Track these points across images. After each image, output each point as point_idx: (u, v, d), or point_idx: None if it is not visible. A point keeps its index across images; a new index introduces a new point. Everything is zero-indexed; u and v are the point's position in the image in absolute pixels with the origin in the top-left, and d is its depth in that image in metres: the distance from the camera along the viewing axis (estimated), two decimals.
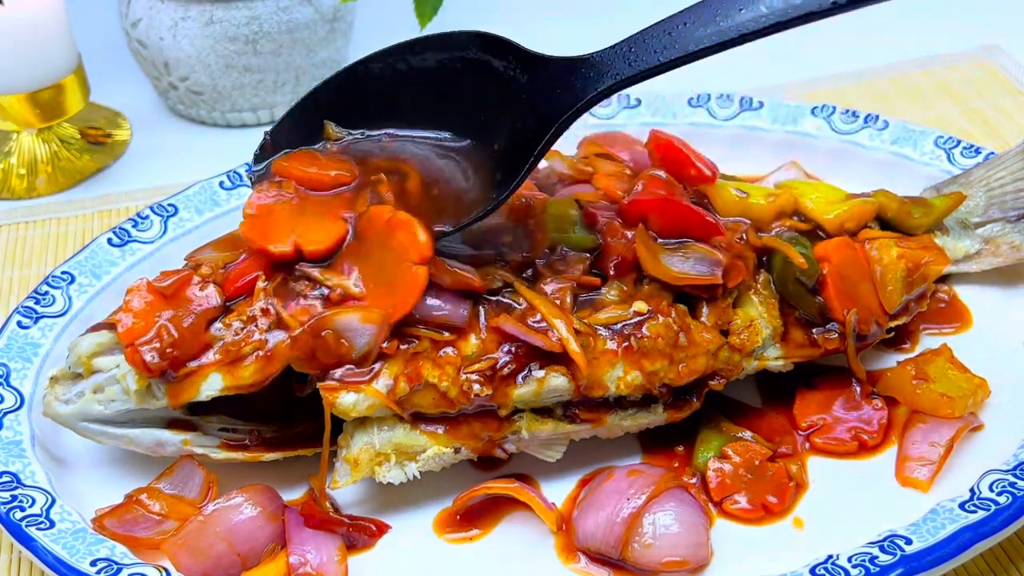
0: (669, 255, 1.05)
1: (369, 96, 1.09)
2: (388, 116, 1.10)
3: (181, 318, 1.00)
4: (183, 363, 1.00)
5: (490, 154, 1.05)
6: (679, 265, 1.04)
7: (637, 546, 0.96)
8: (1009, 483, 0.98)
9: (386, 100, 1.09)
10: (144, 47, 1.57)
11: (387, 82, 1.08)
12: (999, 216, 1.24)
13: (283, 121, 1.10)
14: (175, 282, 1.02)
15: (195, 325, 1.00)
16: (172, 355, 0.99)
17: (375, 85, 1.09)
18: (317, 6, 1.56)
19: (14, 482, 1.02)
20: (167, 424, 1.05)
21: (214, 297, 1.02)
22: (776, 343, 1.09)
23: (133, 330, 1.00)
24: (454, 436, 1.01)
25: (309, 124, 1.09)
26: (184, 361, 1.00)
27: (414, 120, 1.09)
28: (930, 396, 1.08)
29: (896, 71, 1.65)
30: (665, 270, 1.04)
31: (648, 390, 1.04)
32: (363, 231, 1.02)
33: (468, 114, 1.06)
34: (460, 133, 1.08)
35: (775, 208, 1.15)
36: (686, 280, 1.04)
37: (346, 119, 1.10)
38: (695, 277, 1.04)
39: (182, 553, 0.97)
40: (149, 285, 1.02)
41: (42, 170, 1.53)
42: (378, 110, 1.10)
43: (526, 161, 1.00)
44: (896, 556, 0.92)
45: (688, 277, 1.04)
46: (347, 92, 1.10)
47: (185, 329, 1.00)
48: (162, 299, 1.01)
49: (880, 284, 1.12)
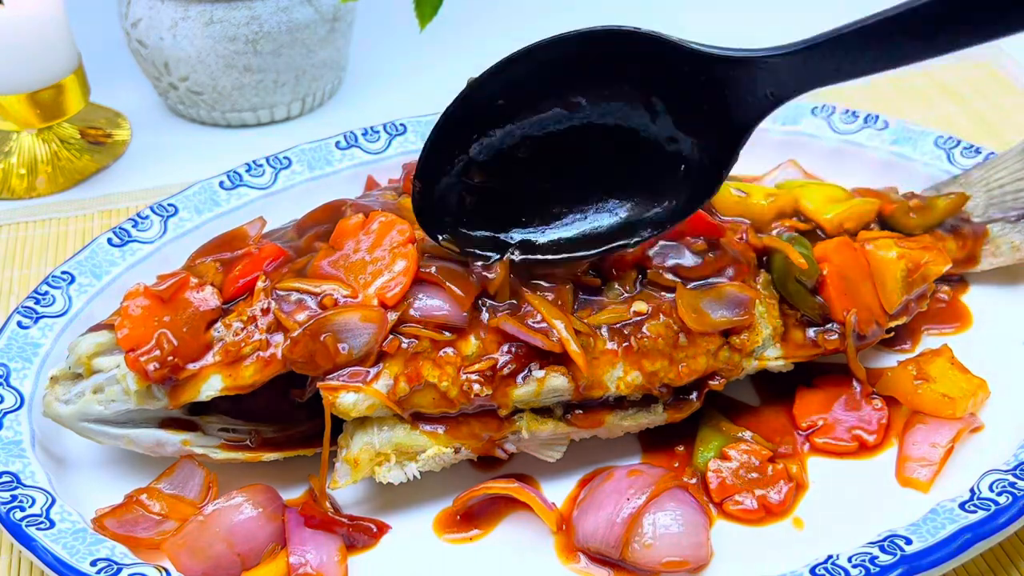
0: (706, 301, 1.05)
1: None
2: None
3: (180, 323, 1.00)
4: (184, 367, 1.00)
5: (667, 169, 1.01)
6: (716, 313, 1.04)
7: (637, 546, 0.96)
8: (1009, 483, 0.98)
9: None
10: (144, 47, 1.57)
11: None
12: (999, 216, 1.24)
13: None
14: (172, 286, 1.02)
15: (194, 329, 1.00)
16: (173, 362, 0.99)
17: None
18: (317, 6, 1.56)
19: (14, 482, 1.02)
20: (167, 424, 1.05)
21: (212, 299, 1.02)
22: (776, 343, 1.09)
23: (132, 337, 1.00)
24: (454, 436, 1.01)
25: None
26: (185, 365, 1.00)
27: None
28: (931, 396, 1.08)
29: (896, 71, 1.65)
30: (711, 322, 1.04)
31: (648, 390, 1.04)
32: (339, 238, 1.04)
33: None
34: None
35: (775, 208, 1.15)
36: (724, 326, 1.04)
37: None
38: (731, 320, 1.05)
39: (182, 553, 0.97)
40: (146, 290, 1.02)
41: (42, 170, 1.53)
42: None
43: (713, 179, 0.97)
44: (896, 556, 0.92)
45: (725, 322, 1.04)
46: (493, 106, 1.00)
47: (184, 334, 1.00)
48: (160, 303, 1.01)
49: (880, 284, 1.12)
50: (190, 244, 1.20)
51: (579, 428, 1.04)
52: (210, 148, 1.60)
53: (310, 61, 1.60)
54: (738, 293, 1.05)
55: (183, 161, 1.57)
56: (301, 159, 1.39)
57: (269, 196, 1.35)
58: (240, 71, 1.57)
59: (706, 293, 1.05)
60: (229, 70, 1.56)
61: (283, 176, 1.37)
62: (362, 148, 1.40)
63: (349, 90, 1.73)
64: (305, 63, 1.59)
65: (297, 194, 1.36)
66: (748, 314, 1.05)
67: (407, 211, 1.08)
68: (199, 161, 1.54)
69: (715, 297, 1.05)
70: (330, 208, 1.14)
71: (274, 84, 1.59)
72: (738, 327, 1.05)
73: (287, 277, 1.03)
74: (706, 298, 1.04)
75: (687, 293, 1.04)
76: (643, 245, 1.05)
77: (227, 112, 1.62)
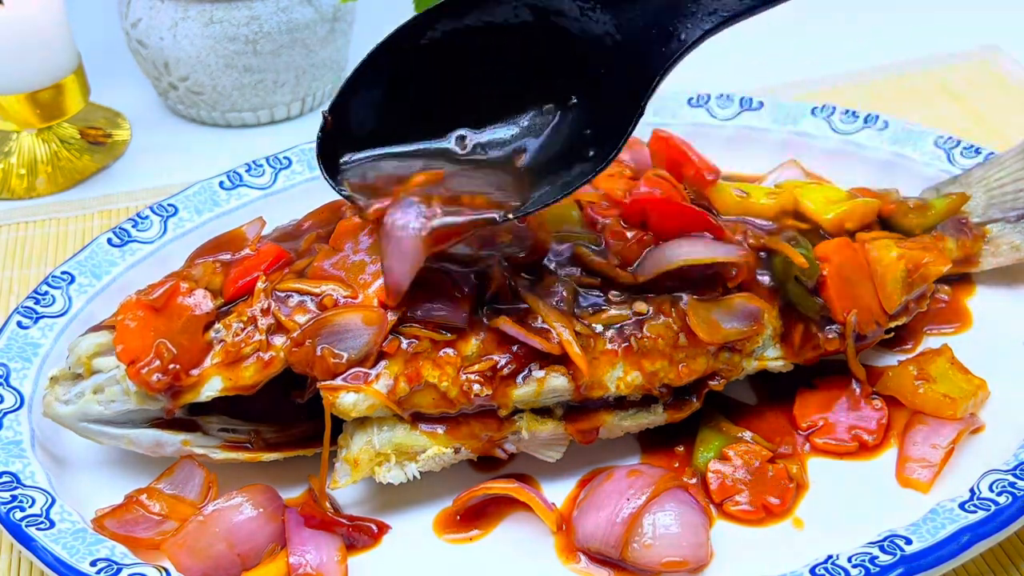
0: (716, 312, 1.05)
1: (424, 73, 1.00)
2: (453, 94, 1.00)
3: (177, 330, 1.00)
4: (186, 374, 1.00)
5: (576, 117, 0.98)
6: (728, 324, 1.04)
7: (637, 546, 0.96)
8: (1009, 483, 0.98)
9: (444, 77, 1.00)
10: (144, 47, 1.57)
11: (438, 57, 0.98)
12: (999, 216, 1.24)
13: (343, 94, 1.00)
14: (164, 294, 1.02)
15: (191, 334, 1.00)
16: (175, 371, 0.99)
17: (421, 60, 0.99)
18: (317, 6, 1.56)
19: (14, 482, 1.02)
20: (167, 424, 1.04)
21: (206, 302, 1.02)
22: (776, 343, 1.09)
23: (131, 350, 1.00)
24: (454, 436, 1.01)
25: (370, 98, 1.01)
26: (186, 371, 1.00)
27: (479, 97, 1.01)
28: (932, 397, 1.08)
29: (896, 71, 1.65)
30: (723, 333, 1.04)
31: (648, 390, 1.04)
32: (339, 239, 1.04)
33: (541, 77, 0.98)
34: (538, 99, 0.99)
35: (775, 208, 1.15)
36: (736, 337, 1.04)
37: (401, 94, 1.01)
38: (742, 331, 1.04)
39: (182, 553, 0.97)
40: (139, 300, 1.02)
41: (42, 170, 1.53)
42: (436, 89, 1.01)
43: (623, 124, 0.92)
44: (896, 556, 0.92)
45: (736, 332, 1.04)
46: (397, 68, 1.01)
47: (183, 340, 1.00)
48: (154, 313, 1.01)
49: (880, 284, 1.12)
50: (190, 244, 1.20)
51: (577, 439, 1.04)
52: (210, 148, 1.60)
53: (310, 61, 1.60)
54: (747, 304, 1.05)
55: (183, 161, 1.57)
56: (301, 159, 1.39)
57: (269, 196, 1.35)
58: (240, 71, 1.57)
59: (716, 304, 1.05)
60: (229, 70, 1.56)
61: (283, 176, 1.37)
62: None
63: None
64: (305, 63, 1.59)
65: (297, 194, 1.36)
66: (759, 324, 1.05)
67: None
68: (199, 161, 1.54)
69: (725, 308, 1.05)
70: (330, 209, 1.14)
71: (274, 84, 1.59)
72: None
73: (287, 278, 1.03)
74: (716, 309, 1.04)
75: (697, 304, 1.04)
76: None
77: (227, 112, 1.62)
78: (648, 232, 1.06)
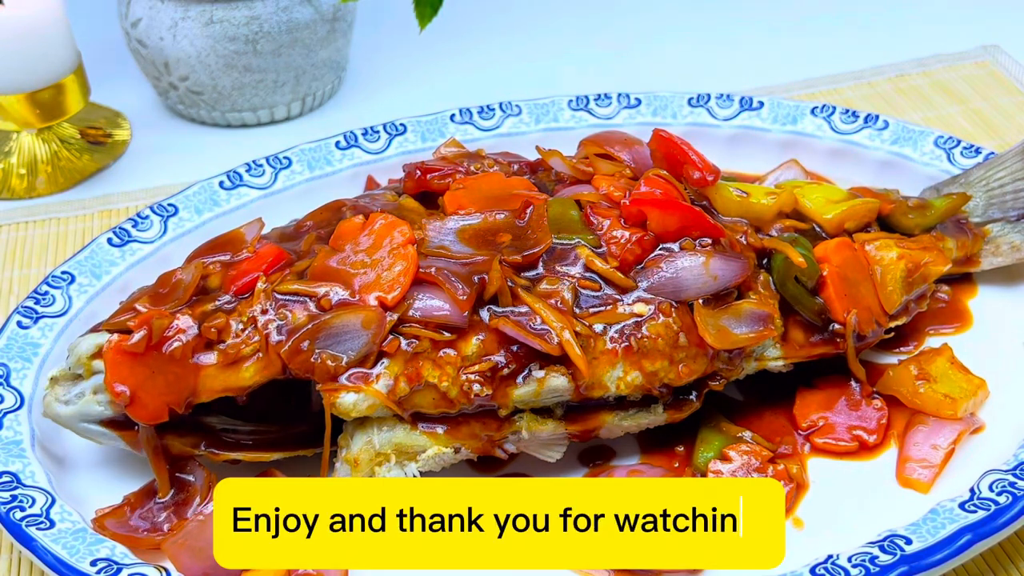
0: (725, 319, 1.05)
1: None
2: None
3: (169, 368, 0.99)
4: (191, 400, 1.00)
5: None
6: (737, 329, 1.04)
7: None
8: (1009, 483, 0.98)
9: None
10: (144, 47, 1.57)
11: None
12: (999, 216, 1.24)
13: None
14: (141, 340, 0.99)
15: (183, 364, 1.00)
16: (177, 401, 1.00)
17: None
18: (317, 6, 1.56)
19: (14, 482, 1.02)
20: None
21: (191, 327, 1.01)
22: (776, 343, 1.09)
23: (128, 395, 0.99)
24: (454, 436, 1.01)
25: None
26: (188, 395, 1.00)
27: None
28: (933, 396, 1.08)
29: (896, 71, 1.65)
30: (734, 339, 1.04)
31: (648, 390, 1.04)
32: (339, 239, 1.04)
33: None
34: None
35: (775, 208, 1.15)
36: (747, 343, 1.04)
37: None
38: (751, 337, 1.04)
39: (182, 553, 0.97)
40: (117, 349, 1.00)
41: (42, 170, 1.53)
42: None
43: None
44: (896, 556, 0.92)
45: (745, 338, 1.04)
46: None
47: (175, 369, 0.99)
48: (137, 359, 1.00)
49: (880, 284, 1.12)
50: (190, 244, 1.20)
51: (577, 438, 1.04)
52: (210, 148, 1.60)
53: (310, 61, 1.60)
54: (756, 309, 1.05)
55: (183, 161, 1.57)
56: (301, 159, 1.39)
57: (269, 196, 1.35)
58: (240, 71, 1.57)
59: (724, 311, 1.05)
60: (229, 70, 1.56)
61: (283, 176, 1.37)
62: (362, 148, 1.41)
63: (349, 90, 1.73)
64: (305, 63, 1.59)
65: (297, 194, 1.36)
66: (768, 329, 1.05)
67: (407, 212, 1.08)
68: (199, 161, 1.54)
69: (733, 315, 1.05)
70: (330, 209, 1.14)
71: (274, 84, 1.59)
72: None
73: (287, 279, 1.03)
74: (725, 316, 1.04)
75: (704, 311, 1.04)
76: None
77: (227, 112, 1.62)
78: (648, 232, 1.06)
